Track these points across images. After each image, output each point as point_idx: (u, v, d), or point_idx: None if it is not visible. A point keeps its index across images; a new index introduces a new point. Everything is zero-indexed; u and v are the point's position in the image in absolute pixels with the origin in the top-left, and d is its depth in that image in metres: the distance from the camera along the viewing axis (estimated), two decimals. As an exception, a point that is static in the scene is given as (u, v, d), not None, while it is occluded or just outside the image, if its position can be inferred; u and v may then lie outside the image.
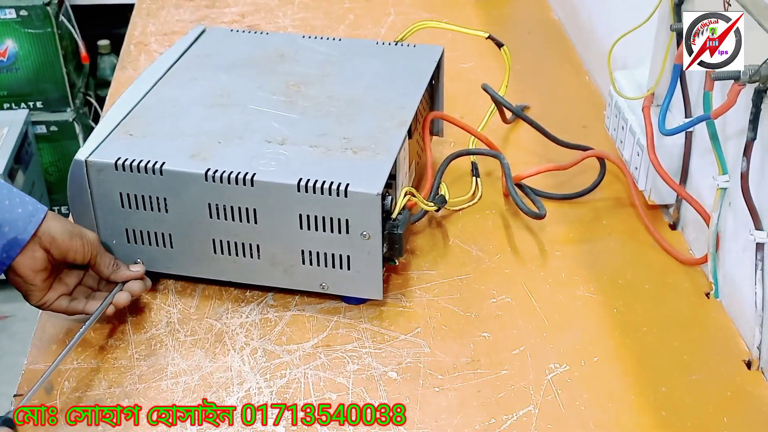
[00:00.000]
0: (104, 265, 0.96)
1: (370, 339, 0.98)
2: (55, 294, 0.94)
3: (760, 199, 0.93)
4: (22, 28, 2.33)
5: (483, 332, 0.99)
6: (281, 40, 1.24)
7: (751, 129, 0.91)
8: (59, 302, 0.94)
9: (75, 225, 0.94)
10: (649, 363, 0.96)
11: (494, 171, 1.24)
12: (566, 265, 1.09)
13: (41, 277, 0.91)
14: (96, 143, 1.00)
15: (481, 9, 1.73)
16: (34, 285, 0.91)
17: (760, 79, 0.87)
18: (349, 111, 1.06)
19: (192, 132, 1.02)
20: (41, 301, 0.93)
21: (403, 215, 0.97)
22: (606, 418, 0.89)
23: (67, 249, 0.91)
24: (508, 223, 1.16)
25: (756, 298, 0.94)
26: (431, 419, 0.89)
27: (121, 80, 1.48)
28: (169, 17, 1.69)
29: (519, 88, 1.42)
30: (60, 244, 0.90)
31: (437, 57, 1.18)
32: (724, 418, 0.90)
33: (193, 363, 0.95)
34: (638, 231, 1.15)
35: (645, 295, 1.05)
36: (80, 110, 2.51)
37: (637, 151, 1.14)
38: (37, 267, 0.90)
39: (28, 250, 0.89)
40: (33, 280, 0.91)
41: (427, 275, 1.07)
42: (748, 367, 0.95)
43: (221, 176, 0.95)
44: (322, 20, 1.68)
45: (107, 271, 0.96)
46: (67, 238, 0.91)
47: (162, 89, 1.11)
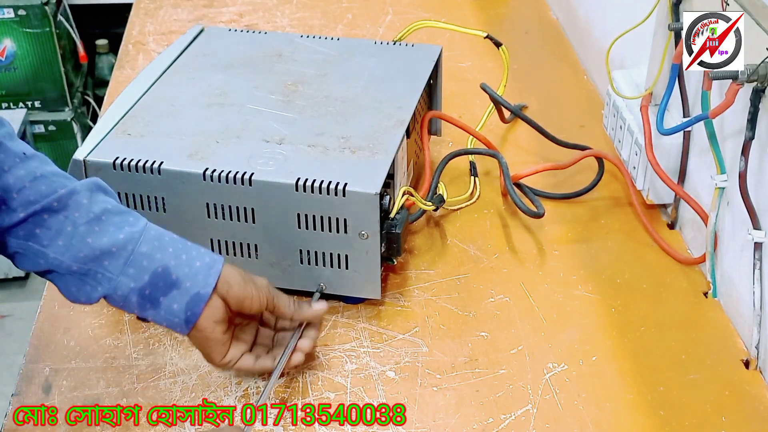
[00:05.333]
0: (284, 306, 0.90)
1: (369, 338, 0.98)
2: (237, 351, 0.88)
3: (758, 199, 0.93)
4: (21, 28, 2.34)
5: (481, 332, 0.99)
6: (279, 39, 1.24)
7: (749, 128, 0.91)
8: (245, 360, 0.89)
9: (246, 272, 0.88)
10: (647, 362, 0.96)
11: (492, 170, 1.24)
12: (564, 264, 1.09)
13: (221, 329, 0.85)
14: (94, 143, 1.00)
15: (479, 8, 1.73)
16: (215, 339, 0.86)
17: (758, 78, 0.87)
18: (347, 110, 1.06)
19: (190, 131, 1.02)
20: (226, 359, 0.87)
21: (401, 215, 0.97)
22: (604, 418, 0.89)
23: (243, 296, 0.86)
24: (507, 222, 1.16)
25: (754, 297, 0.94)
26: (429, 419, 0.89)
27: (120, 80, 1.48)
28: (167, 17, 1.69)
29: (517, 88, 1.42)
30: (237, 291, 0.85)
31: (435, 56, 1.18)
32: (722, 417, 0.90)
33: (192, 362, 0.95)
34: (636, 230, 1.15)
35: (643, 295, 1.05)
36: (78, 110, 2.51)
37: (635, 150, 1.15)
38: (217, 317, 0.85)
39: (208, 302, 0.84)
40: (213, 333, 0.85)
41: (426, 275, 1.07)
42: (746, 366, 0.95)
43: (219, 176, 0.95)
44: (319, 20, 1.68)
45: (290, 311, 0.91)
46: (242, 284, 0.86)
47: (160, 89, 1.11)
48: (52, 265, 0.81)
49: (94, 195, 0.83)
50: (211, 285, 0.83)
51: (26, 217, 0.80)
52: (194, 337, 0.86)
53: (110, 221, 0.82)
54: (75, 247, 0.81)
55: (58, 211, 0.81)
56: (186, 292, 0.83)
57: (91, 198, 0.83)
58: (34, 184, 0.81)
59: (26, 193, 0.80)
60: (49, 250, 0.81)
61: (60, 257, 0.81)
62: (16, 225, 0.81)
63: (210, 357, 0.87)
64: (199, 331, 0.85)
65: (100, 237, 0.81)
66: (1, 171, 0.80)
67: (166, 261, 0.83)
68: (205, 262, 0.84)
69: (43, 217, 0.81)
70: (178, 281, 0.83)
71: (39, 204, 0.80)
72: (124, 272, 0.81)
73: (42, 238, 0.81)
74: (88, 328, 0.99)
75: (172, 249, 0.84)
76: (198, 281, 0.83)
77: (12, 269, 2.32)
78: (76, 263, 0.81)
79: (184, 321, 0.83)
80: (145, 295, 0.82)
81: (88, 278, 0.82)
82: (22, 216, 0.80)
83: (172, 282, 0.83)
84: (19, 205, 0.80)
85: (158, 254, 0.83)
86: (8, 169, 0.80)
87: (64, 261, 0.81)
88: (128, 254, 0.82)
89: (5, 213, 0.80)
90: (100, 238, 0.81)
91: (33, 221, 0.81)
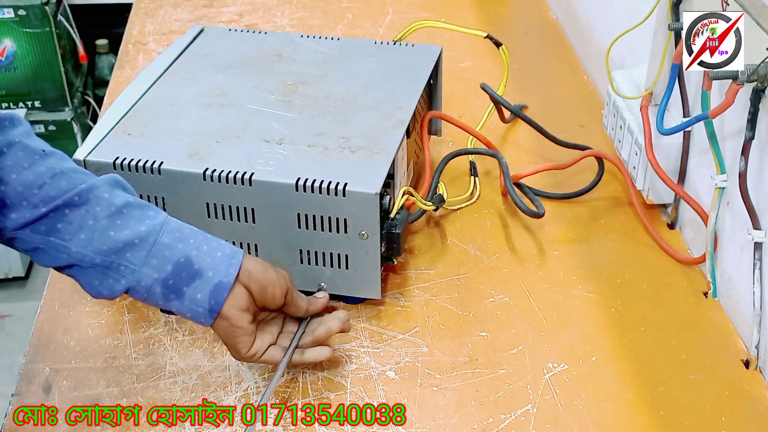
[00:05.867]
0: (300, 298, 0.91)
1: (369, 338, 0.98)
2: (262, 343, 0.89)
3: (758, 199, 0.93)
4: (21, 28, 2.33)
5: (481, 332, 0.99)
6: (279, 39, 1.24)
7: (749, 128, 0.91)
8: (271, 352, 0.89)
9: (267, 262, 0.90)
10: (647, 362, 0.96)
11: (492, 170, 1.24)
12: (564, 264, 1.09)
13: (246, 318, 0.86)
14: (94, 143, 1.00)
15: (479, 8, 1.73)
16: (241, 327, 0.86)
17: (758, 78, 0.87)
18: (347, 110, 1.06)
19: (190, 131, 1.02)
20: (252, 350, 0.88)
21: (401, 215, 0.97)
22: (604, 418, 0.89)
23: (266, 282, 0.87)
24: (507, 222, 1.16)
25: (754, 297, 0.94)
26: (429, 418, 0.89)
27: (120, 80, 1.48)
28: (167, 16, 1.69)
29: (517, 88, 1.42)
30: (258, 277, 0.86)
31: (435, 56, 1.18)
32: (722, 417, 0.90)
33: (192, 362, 0.95)
34: (636, 230, 1.15)
35: (643, 295, 1.05)
36: (78, 110, 2.51)
37: (635, 150, 1.15)
38: (241, 305, 0.85)
39: (231, 290, 0.85)
40: (239, 321, 0.85)
41: (426, 275, 1.07)
42: (746, 366, 0.95)
43: (219, 176, 0.95)
44: (319, 20, 1.68)
45: (305, 303, 0.92)
46: (263, 271, 0.87)
47: (160, 88, 1.11)
48: (75, 259, 0.82)
49: (114, 189, 0.84)
50: (233, 274, 0.84)
51: (47, 212, 0.81)
52: (220, 326, 0.86)
53: (131, 214, 0.83)
54: (97, 240, 0.82)
55: (79, 206, 0.82)
56: (209, 282, 0.84)
57: (112, 192, 0.84)
58: (54, 180, 0.82)
59: (47, 189, 0.81)
60: (71, 244, 0.82)
61: (83, 251, 0.82)
62: (38, 220, 0.81)
63: (236, 348, 0.88)
64: (225, 320, 0.85)
65: (122, 230, 0.82)
66: (21, 168, 0.81)
67: (188, 251, 0.84)
68: (226, 253, 0.85)
69: (65, 212, 0.82)
70: (201, 271, 0.84)
71: (60, 199, 0.81)
72: (147, 263, 0.83)
73: (64, 233, 0.82)
74: (88, 328, 0.99)
75: (194, 240, 0.85)
76: (220, 270, 0.84)
77: (12, 269, 2.32)
78: (99, 256, 0.82)
79: (208, 310, 0.84)
80: (168, 285, 0.83)
81: (110, 271, 0.82)
82: (44, 211, 0.81)
83: (194, 272, 0.84)
84: (39, 200, 0.81)
85: (180, 245, 0.84)
86: (28, 166, 0.81)
87: (87, 254, 0.82)
88: (150, 245, 0.83)
89: (26, 209, 0.81)
90: (122, 231, 0.82)
91: (54, 216, 0.81)
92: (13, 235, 0.82)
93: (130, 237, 0.82)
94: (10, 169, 0.81)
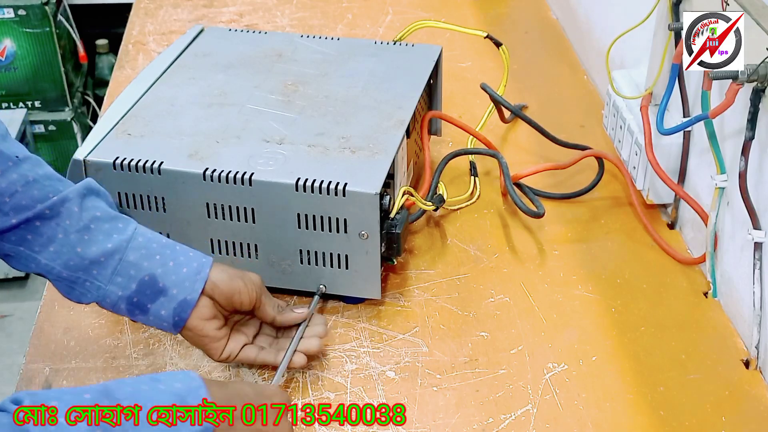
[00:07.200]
0: (270, 306, 0.91)
1: (369, 338, 0.98)
2: (236, 344, 0.89)
3: (758, 199, 0.93)
4: (21, 28, 2.33)
5: (481, 332, 0.99)
6: (279, 39, 1.24)
7: (749, 128, 0.91)
8: (246, 352, 0.90)
9: (237, 270, 0.89)
10: (647, 362, 0.96)
11: (492, 170, 1.24)
12: (564, 264, 1.09)
13: (213, 326, 0.86)
14: (94, 143, 1.00)
15: (478, 8, 1.73)
16: (208, 336, 0.87)
17: (758, 78, 0.87)
18: (347, 110, 1.06)
19: (190, 131, 1.02)
20: (224, 354, 0.88)
21: (401, 215, 0.97)
22: (604, 418, 0.89)
23: (231, 291, 0.87)
24: (507, 222, 1.16)
25: (754, 297, 0.94)
26: (429, 419, 0.89)
27: (120, 80, 1.48)
28: (167, 17, 1.69)
29: (517, 88, 1.42)
30: (222, 288, 0.86)
31: (435, 56, 1.18)
32: (722, 417, 0.90)
33: (192, 362, 0.95)
34: (636, 230, 1.15)
35: (643, 295, 1.05)
36: (78, 110, 2.51)
37: (635, 150, 1.15)
38: (205, 315, 0.86)
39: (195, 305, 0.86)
40: (204, 330, 0.86)
41: (426, 275, 1.07)
42: (746, 366, 0.95)
43: (219, 176, 0.95)
44: (319, 20, 1.68)
45: (271, 313, 0.91)
46: (227, 281, 0.87)
47: (160, 89, 1.11)
48: (44, 270, 0.84)
49: (85, 201, 0.84)
50: (197, 291, 0.85)
51: (18, 223, 0.82)
52: (188, 336, 0.87)
53: (99, 229, 0.84)
54: (65, 255, 0.83)
55: (50, 219, 0.82)
56: (173, 299, 0.85)
57: (82, 205, 0.84)
58: (26, 188, 0.82)
59: (18, 198, 0.82)
60: (40, 256, 0.83)
61: (51, 263, 0.83)
62: (9, 230, 0.82)
63: (209, 354, 0.89)
64: (190, 330, 0.86)
65: (89, 246, 0.83)
66: None
67: (152, 269, 0.84)
68: (193, 268, 0.86)
69: (36, 224, 0.82)
70: (165, 289, 0.84)
71: (31, 211, 0.82)
72: (111, 281, 0.84)
73: (33, 244, 0.83)
74: (88, 328, 0.99)
75: (159, 256, 0.85)
76: (185, 288, 0.85)
77: (12, 269, 2.31)
78: (66, 270, 0.83)
79: (173, 325, 0.86)
80: (133, 302, 0.84)
81: (77, 285, 0.84)
82: (15, 222, 0.82)
83: (158, 290, 0.84)
84: (11, 209, 0.81)
85: (145, 263, 0.84)
86: (1, 173, 0.81)
87: (55, 267, 0.83)
88: (116, 263, 0.83)
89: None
90: (89, 247, 0.83)
91: (25, 227, 0.82)
92: None
93: (97, 254, 0.83)
94: None
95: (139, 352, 0.96)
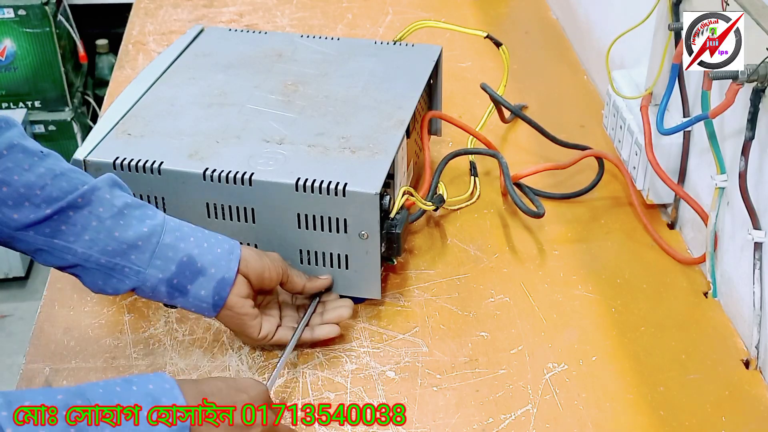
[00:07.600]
0: (296, 276, 0.94)
1: (369, 338, 0.98)
2: (270, 325, 0.92)
3: (758, 199, 0.93)
4: (21, 28, 2.33)
5: (481, 332, 0.99)
6: (279, 39, 1.24)
7: (749, 128, 0.91)
8: (281, 333, 0.93)
9: (258, 249, 0.94)
10: (647, 362, 0.96)
11: (492, 170, 1.24)
12: (564, 264, 1.09)
13: (249, 304, 0.89)
14: (94, 143, 1.00)
15: (479, 8, 1.73)
16: (247, 313, 0.89)
17: (758, 78, 0.87)
18: (347, 110, 1.06)
19: (190, 131, 1.02)
20: (262, 333, 0.91)
21: (401, 215, 0.97)
22: (604, 418, 0.89)
23: (261, 268, 0.90)
24: (507, 222, 1.16)
25: (754, 297, 0.94)
26: (429, 419, 0.89)
27: (120, 80, 1.48)
28: (167, 17, 1.69)
29: (517, 88, 1.42)
30: (255, 265, 0.89)
31: (435, 56, 1.18)
32: (722, 417, 0.90)
33: (192, 362, 0.95)
34: (636, 230, 1.15)
35: (643, 295, 1.05)
36: (78, 110, 2.51)
37: (635, 150, 1.15)
38: (243, 293, 0.89)
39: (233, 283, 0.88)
40: (243, 308, 0.89)
41: (426, 275, 1.07)
42: (746, 366, 0.95)
43: (219, 176, 0.95)
44: (319, 20, 1.68)
45: (301, 282, 0.95)
46: (257, 258, 0.90)
47: (160, 89, 1.11)
48: (80, 259, 0.84)
49: (113, 190, 0.86)
50: (234, 269, 0.88)
51: (52, 213, 0.83)
52: (225, 316, 0.89)
53: (132, 214, 0.85)
54: (102, 241, 0.84)
55: (82, 207, 0.84)
56: (212, 278, 0.87)
57: (112, 192, 0.86)
58: (56, 180, 0.83)
59: (48, 190, 0.83)
60: (76, 246, 0.84)
61: (88, 251, 0.84)
62: (42, 222, 0.83)
63: (247, 333, 0.91)
64: (230, 309, 0.88)
65: (126, 230, 0.84)
66: (21, 169, 0.82)
67: (189, 250, 0.86)
68: (225, 248, 0.88)
69: (69, 214, 0.83)
70: (203, 269, 0.87)
71: (63, 200, 0.83)
72: (151, 264, 0.85)
73: (68, 234, 0.84)
74: (88, 328, 0.99)
75: (194, 238, 0.87)
76: (221, 266, 0.87)
77: (12, 269, 2.32)
78: (104, 257, 0.84)
79: (212, 305, 0.87)
80: (173, 284, 0.86)
81: (115, 272, 0.85)
82: (48, 212, 0.83)
83: (197, 270, 0.86)
84: (42, 201, 0.82)
85: (182, 244, 0.86)
86: (29, 167, 0.83)
87: (93, 255, 0.84)
88: (154, 246, 0.85)
89: (29, 209, 0.82)
90: (126, 232, 0.84)
91: (58, 218, 0.83)
92: (14, 235, 0.83)
93: (134, 238, 0.84)
94: (11, 171, 0.82)
95: (139, 352, 0.96)
